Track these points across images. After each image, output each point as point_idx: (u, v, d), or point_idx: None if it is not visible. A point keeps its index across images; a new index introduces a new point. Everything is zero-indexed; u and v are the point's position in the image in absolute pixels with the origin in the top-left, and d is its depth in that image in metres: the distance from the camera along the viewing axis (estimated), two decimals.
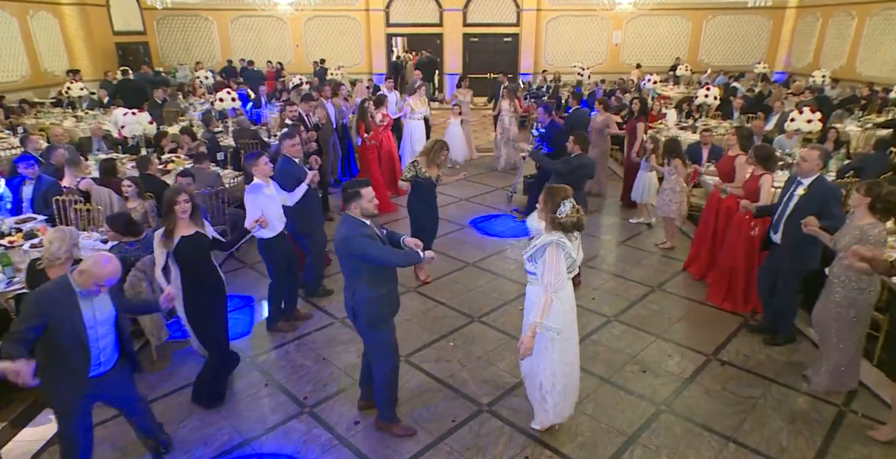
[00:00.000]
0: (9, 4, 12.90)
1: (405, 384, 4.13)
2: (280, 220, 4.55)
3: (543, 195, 3.27)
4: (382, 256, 3.23)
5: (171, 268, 3.69)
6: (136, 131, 6.80)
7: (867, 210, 3.58)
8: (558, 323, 3.27)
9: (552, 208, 3.17)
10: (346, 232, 3.25)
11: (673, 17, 17.70)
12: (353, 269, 3.34)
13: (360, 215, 3.32)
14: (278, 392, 4.04)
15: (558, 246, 3.15)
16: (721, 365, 4.39)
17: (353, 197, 3.31)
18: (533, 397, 3.63)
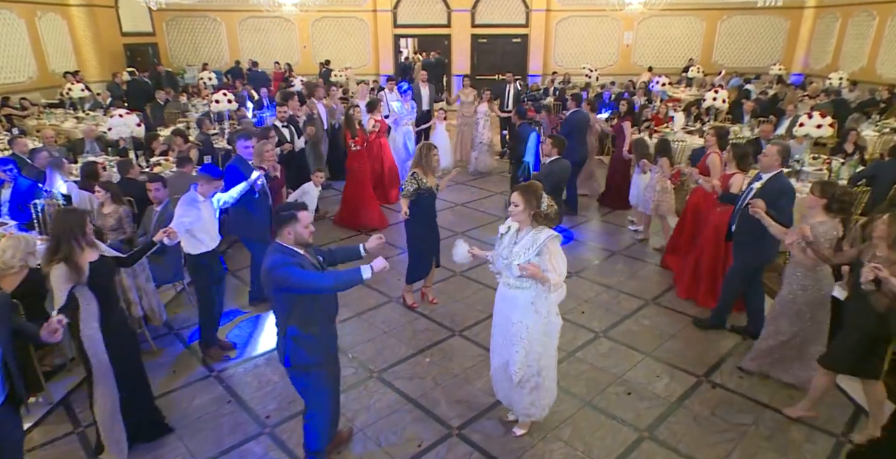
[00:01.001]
0: (17, 6, 12.99)
1: (374, 403, 3.94)
2: (211, 237, 4.21)
3: (521, 196, 3.18)
4: (310, 283, 2.80)
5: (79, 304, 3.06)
6: (123, 133, 6.70)
7: (822, 210, 3.68)
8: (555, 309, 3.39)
9: (536, 204, 3.16)
10: (270, 261, 2.85)
11: (686, 18, 17.29)
12: (280, 304, 2.98)
13: (292, 242, 2.94)
14: (240, 411, 3.86)
15: (556, 239, 3.18)
16: (712, 388, 4.12)
17: (286, 221, 2.91)
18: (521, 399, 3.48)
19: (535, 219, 3.18)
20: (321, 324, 3.04)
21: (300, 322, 2.95)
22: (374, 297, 5.49)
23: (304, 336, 2.97)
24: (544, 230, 3.19)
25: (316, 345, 3.02)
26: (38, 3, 13.59)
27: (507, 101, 9.26)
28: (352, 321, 5.08)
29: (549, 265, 3.14)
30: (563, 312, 5.05)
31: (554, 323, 3.41)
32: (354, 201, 6.95)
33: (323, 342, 3.07)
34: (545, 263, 3.14)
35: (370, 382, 4.18)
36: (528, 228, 3.23)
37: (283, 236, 2.96)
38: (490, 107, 8.95)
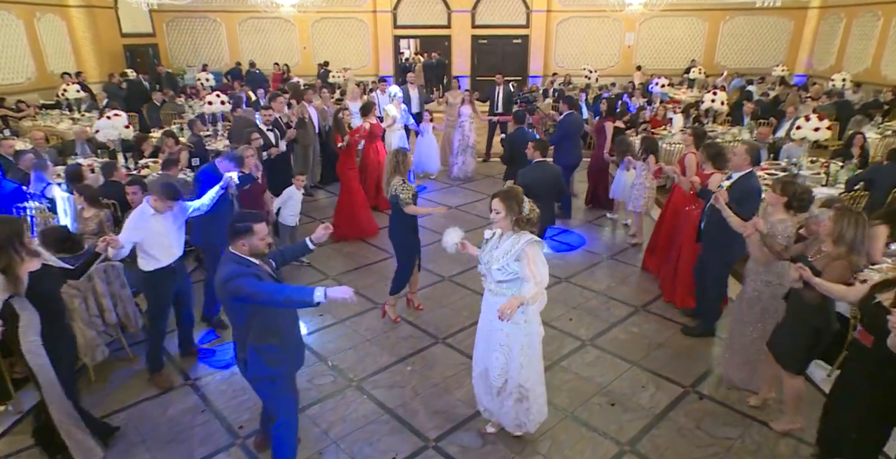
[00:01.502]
0: (15, 6, 12.99)
1: (351, 413, 3.86)
2: (167, 253, 3.92)
3: (502, 202, 3.13)
4: (264, 295, 2.70)
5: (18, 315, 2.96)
6: (111, 136, 6.65)
7: (782, 207, 3.70)
8: (537, 317, 3.33)
9: (518, 210, 3.12)
10: (225, 272, 2.76)
11: (688, 18, 17.15)
12: (237, 315, 2.90)
13: (247, 253, 2.87)
14: (213, 420, 3.78)
15: (535, 244, 3.12)
16: (699, 399, 4.01)
17: (243, 232, 2.83)
18: (505, 412, 3.45)
19: (518, 225, 3.14)
20: (282, 334, 2.95)
21: (260, 333, 2.87)
22: (360, 303, 5.40)
23: (265, 347, 2.88)
24: (524, 235, 3.13)
25: (278, 355, 2.93)
26: (37, 3, 13.59)
27: (496, 104, 9.09)
28: (335, 327, 4.99)
29: (527, 271, 3.08)
30: (551, 319, 5.04)
31: (535, 333, 3.34)
32: (346, 209, 6.68)
33: (285, 351, 2.98)
34: (524, 269, 3.09)
35: (348, 391, 4.09)
36: (509, 233, 3.18)
37: (237, 247, 2.88)
38: (473, 109, 8.80)
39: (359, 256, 6.43)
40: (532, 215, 3.16)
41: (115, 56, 16.06)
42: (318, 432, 3.67)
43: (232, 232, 2.87)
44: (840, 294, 3.08)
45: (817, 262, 3.25)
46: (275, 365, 2.93)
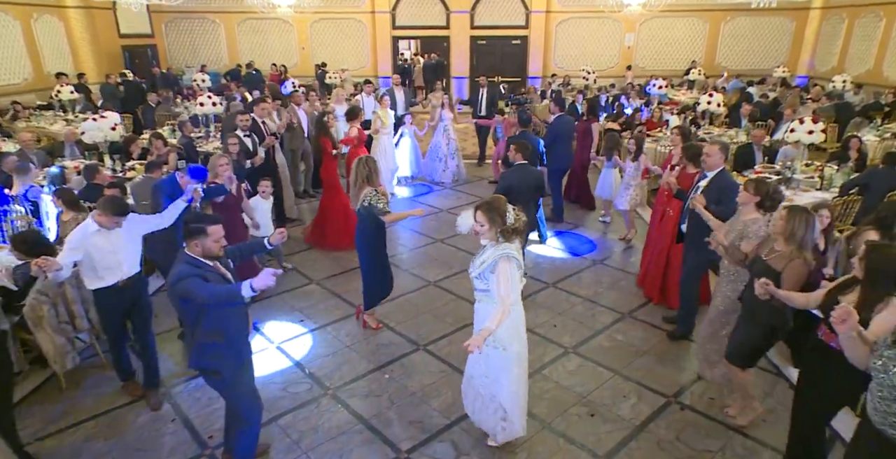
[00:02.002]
0: (12, 7, 12.99)
1: (324, 423, 3.78)
2: (114, 271, 3.64)
3: (485, 214, 3.09)
4: (203, 297, 2.72)
5: None
6: (96, 137, 6.60)
7: (754, 207, 3.70)
8: (513, 338, 3.22)
9: (501, 221, 3.08)
10: (176, 273, 2.82)
11: (689, 19, 17.01)
12: (186, 315, 2.98)
13: (199, 254, 2.91)
14: (183, 430, 3.71)
15: (509, 259, 3.06)
16: (681, 410, 3.91)
17: (196, 233, 2.88)
18: (485, 419, 3.43)
19: (504, 235, 3.10)
20: (229, 335, 2.97)
21: (206, 332, 2.92)
22: (342, 308, 5.33)
23: (209, 344, 2.94)
24: (504, 247, 3.08)
25: (222, 353, 2.97)
26: (34, 4, 13.59)
27: (480, 107, 8.96)
28: (315, 333, 4.92)
29: (496, 285, 3.06)
30: (535, 325, 4.96)
31: (513, 354, 3.24)
32: (328, 217, 6.52)
33: (230, 352, 3.00)
34: (493, 282, 3.08)
35: (323, 400, 4.02)
36: (492, 243, 3.14)
37: (190, 247, 2.92)
38: (451, 112, 8.65)
39: (345, 260, 6.35)
40: (518, 224, 3.11)
41: (114, 57, 16.06)
42: (289, 442, 3.59)
43: (186, 233, 2.92)
44: (801, 303, 3.07)
45: (773, 262, 3.27)
46: (217, 359, 2.96)
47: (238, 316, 3.02)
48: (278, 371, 4.37)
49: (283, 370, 4.38)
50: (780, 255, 3.23)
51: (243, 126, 6.22)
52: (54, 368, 3.91)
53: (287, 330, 4.95)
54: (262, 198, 5.63)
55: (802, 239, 3.14)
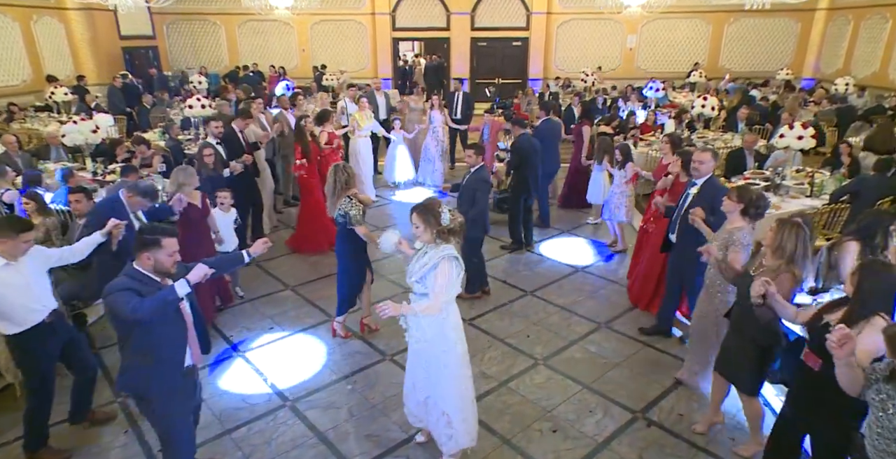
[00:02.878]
0: (12, 9, 13.06)
1: (278, 437, 3.70)
2: (31, 311, 3.21)
3: (420, 216, 3.07)
4: (129, 314, 2.52)
5: None
6: (77, 140, 6.57)
7: (739, 215, 3.62)
8: (457, 339, 3.22)
9: (436, 222, 3.04)
10: (110, 285, 2.65)
11: (692, 20, 16.81)
12: (118, 330, 2.80)
13: (150, 268, 2.74)
14: (134, 443, 3.64)
15: (451, 260, 3.05)
16: (647, 426, 3.79)
17: (149, 245, 2.70)
18: (431, 426, 3.37)
19: (440, 236, 3.06)
20: (159, 357, 2.78)
21: (134, 351, 2.76)
22: (313, 316, 5.26)
23: (134, 364, 2.78)
24: (444, 248, 3.06)
25: (150, 376, 2.78)
26: (34, 6, 13.66)
27: (455, 110, 8.84)
28: (283, 341, 4.84)
29: (434, 282, 3.03)
30: (507, 335, 4.86)
31: (453, 352, 3.21)
32: (307, 223, 6.44)
33: (158, 376, 2.79)
34: (432, 280, 3.05)
35: (281, 412, 3.93)
36: (431, 245, 3.11)
37: (141, 260, 2.75)
38: (442, 114, 8.55)
39: (322, 265, 6.28)
40: (454, 225, 3.07)
41: (114, 58, 16.12)
42: (240, 457, 3.51)
43: (138, 244, 2.74)
44: (791, 315, 2.93)
45: (760, 277, 3.08)
46: (143, 381, 2.79)
47: (173, 337, 2.81)
48: (240, 380, 4.29)
49: (246, 379, 4.30)
50: (767, 269, 3.10)
51: (217, 133, 6.01)
52: (7, 378, 3.85)
53: (255, 338, 4.87)
54: (221, 211, 5.29)
55: (792, 254, 3.01)
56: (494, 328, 5.03)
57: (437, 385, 3.21)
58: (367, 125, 7.80)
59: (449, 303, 3.13)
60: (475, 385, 4.13)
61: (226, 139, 6.13)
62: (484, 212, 5.28)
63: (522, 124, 6.60)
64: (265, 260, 6.44)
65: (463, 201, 5.22)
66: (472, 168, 5.21)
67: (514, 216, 6.69)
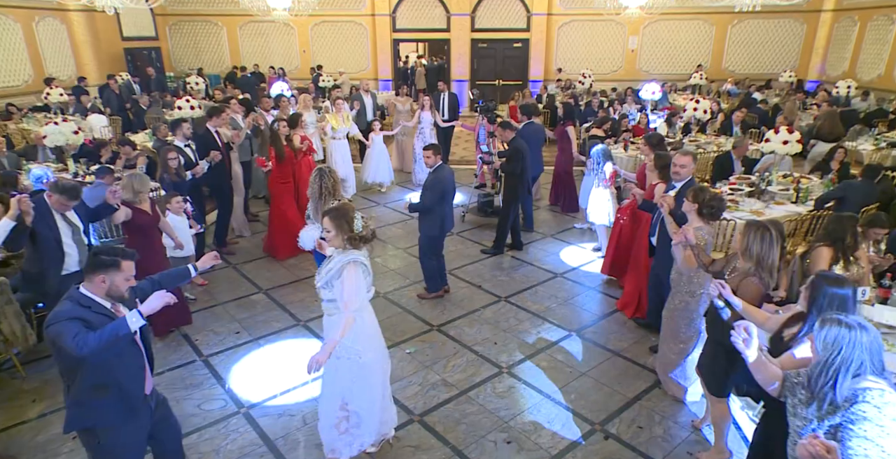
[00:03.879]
0: (14, 11, 13.20)
1: (227, 445, 3.65)
2: None
3: (332, 221, 3.04)
4: (74, 348, 2.29)
5: None
6: (57, 141, 6.60)
7: (696, 215, 3.69)
8: (366, 347, 3.18)
9: (349, 228, 3.03)
10: (54, 312, 2.42)
11: (695, 22, 16.59)
12: (62, 363, 2.51)
13: (102, 293, 2.52)
14: (80, 449, 3.58)
15: (356, 264, 3.04)
16: (604, 439, 3.69)
17: (106, 266, 2.48)
18: (329, 431, 3.34)
19: (351, 243, 3.05)
20: (116, 390, 2.56)
21: (87, 388, 2.50)
22: (282, 320, 5.21)
23: (88, 399, 2.52)
24: (350, 254, 3.05)
25: (107, 410, 2.56)
26: (36, 8, 13.80)
27: (442, 111, 8.76)
28: (247, 346, 4.79)
29: (342, 290, 3.01)
30: (475, 343, 4.78)
31: (364, 359, 3.18)
32: (277, 232, 6.34)
33: (115, 406, 2.58)
34: (339, 287, 3.03)
35: (234, 419, 3.88)
36: (339, 251, 3.10)
37: (93, 283, 2.51)
38: (433, 116, 8.46)
39: (298, 269, 6.23)
40: (366, 232, 3.08)
41: (116, 59, 16.25)
42: None
43: (94, 265, 2.50)
44: (759, 321, 2.84)
45: (732, 280, 3.10)
46: (100, 418, 2.56)
47: (128, 366, 2.59)
48: (198, 385, 4.25)
49: (203, 384, 4.26)
50: (740, 273, 3.11)
51: (187, 134, 5.89)
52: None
53: (220, 342, 4.83)
54: (175, 215, 5.14)
55: (759, 256, 3.01)
56: (463, 334, 4.95)
57: (349, 392, 3.21)
58: (341, 128, 7.70)
59: (361, 311, 3.10)
60: (436, 393, 4.15)
61: (200, 139, 6.06)
62: (435, 211, 5.21)
63: (512, 127, 6.52)
64: (242, 262, 6.42)
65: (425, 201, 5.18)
66: (432, 168, 5.13)
67: (505, 219, 6.60)
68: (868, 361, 1.92)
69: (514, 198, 6.51)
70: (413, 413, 3.93)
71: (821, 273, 2.69)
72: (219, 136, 6.18)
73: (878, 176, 5.78)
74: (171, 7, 17.43)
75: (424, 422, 3.85)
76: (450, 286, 5.75)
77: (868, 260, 4.40)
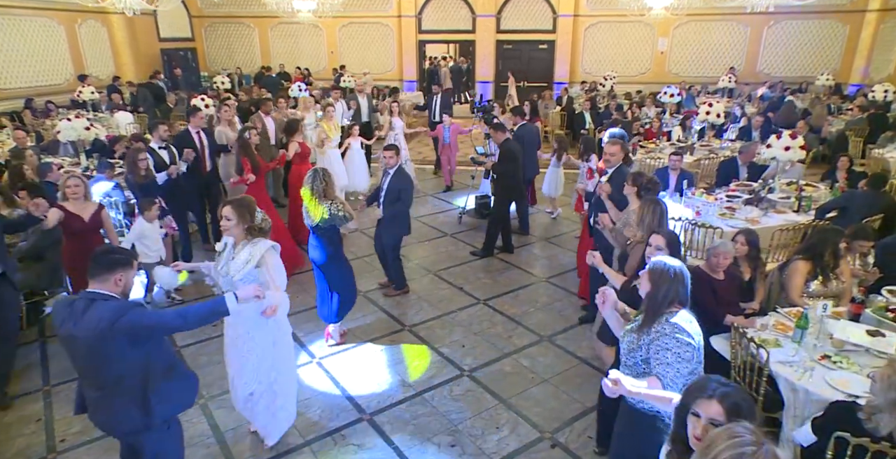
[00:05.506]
0: (58, 13, 13.93)
1: None
2: None
3: (234, 210, 3.20)
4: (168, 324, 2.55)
5: None
6: (70, 137, 6.92)
7: (635, 197, 4.06)
8: (282, 328, 3.47)
9: (250, 218, 3.22)
10: (110, 310, 2.38)
11: (728, 23, 16.04)
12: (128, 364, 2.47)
13: (119, 292, 2.52)
14: (41, 431, 3.77)
15: (275, 249, 3.25)
16: (551, 447, 3.62)
17: (121, 264, 2.50)
18: (259, 416, 3.54)
19: (250, 233, 3.23)
20: (177, 367, 2.70)
21: (162, 372, 2.56)
22: None
23: (169, 387, 2.59)
24: (261, 242, 3.22)
25: (181, 389, 2.69)
26: (79, 10, 14.49)
27: (434, 113, 8.72)
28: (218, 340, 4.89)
29: (267, 277, 3.18)
30: (443, 345, 4.77)
31: (282, 332, 3.46)
32: None
33: (183, 383, 2.70)
34: (263, 275, 3.18)
35: (191, 411, 3.96)
36: (243, 242, 3.24)
37: (108, 283, 2.47)
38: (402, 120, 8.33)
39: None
40: (264, 224, 3.28)
41: (153, 59, 16.92)
42: None
43: (111, 264, 2.48)
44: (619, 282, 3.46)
45: (631, 248, 3.72)
46: (179, 400, 2.69)
47: (167, 343, 2.76)
48: None
49: None
50: (636, 240, 3.68)
51: (162, 135, 5.79)
52: None
53: (189, 337, 4.91)
54: (146, 221, 5.05)
55: (650, 227, 3.46)
56: (433, 336, 4.94)
57: (268, 374, 3.39)
58: (336, 135, 7.57)
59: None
60: (391, 393, 4.17)
61: (178, 140, 6.06)
62: (406, 212, 5.33)
63: (504, 129, 6.48)
64: None
65: (388, 202, 5.16)
66: (391, 169, 5.11)
67: (496, 221, 6.56)
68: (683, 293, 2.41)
69: (506, 199, 6.45)
70: (364, 412, 3.95)
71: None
72: (199, 136, 6.16)
73: (884, 185, 5.46)
74: (206, 9, 18.05)
75: (373, 421, 3.86)
76: (432, 287, 5.79)
77: (851, 274, 4.19)
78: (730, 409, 1.77)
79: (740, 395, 1.82)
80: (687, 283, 2.43)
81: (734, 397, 1.80)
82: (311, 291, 5.68)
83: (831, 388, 2.99)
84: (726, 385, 1.84)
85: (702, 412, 1.79)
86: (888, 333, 3.28)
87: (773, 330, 3.56)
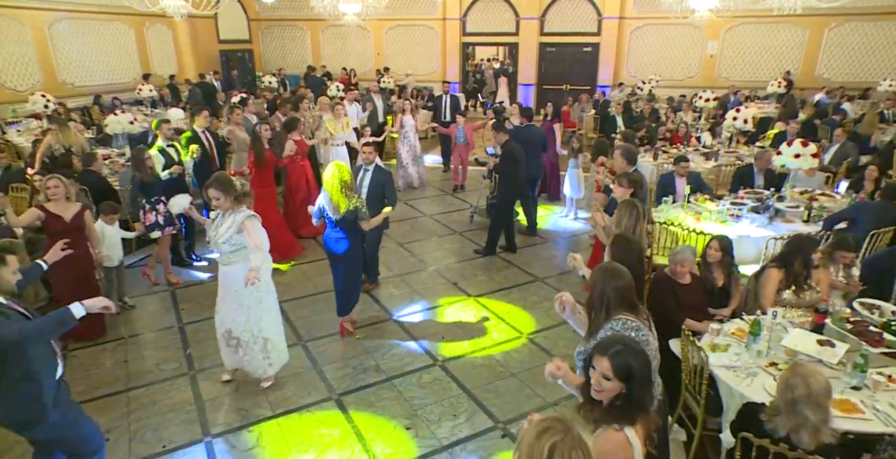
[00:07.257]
0: (128, 18, 15.08)
1: (165, 400, 4.12)
2: None
3: (218, 189, 3.73)
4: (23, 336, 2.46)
5: None
6: (116, 130, 7.59)
7: (618, 185, 4.50)
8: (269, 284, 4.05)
9: (233, 189, 3.79)
10: None
11: (784, 25, 15.34)
12: None
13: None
14: None
15: (254, 218, 3.83)
16: (501, 437, 3.74)
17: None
18: (252, 361, 4.09)
19: (237, 199, 3.80)
20: (41, 373, 2.62)
21: (14, 381, 2.55)
22: None
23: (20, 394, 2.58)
24: (242, 211, 3.80)
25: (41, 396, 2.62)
26: (147, 15, 15.60)
27: (443, 113, 8.83)
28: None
29: (249, 241, 3.75)
30: (426, 335, 4.96)
31: (266, 290, 4.02)
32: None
33: (49, 392, 2.66)
34: (246, 239, 3.76)
35: (180, 379, 4.36)
36: (229, 211, 3.82)
37: None
38: (416, 120, 8.53)
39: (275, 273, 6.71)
40: (244, 188, 3.93)
41: (212, 59, 17.98)
42: (124, 412, 3.96)
43: None
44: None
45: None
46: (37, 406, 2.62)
47: (45, 351, 2.66)
48: (165, 347, 4.80)
49: (169, 347, 4.79)
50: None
51: (168, 135, 5.95)
52: None
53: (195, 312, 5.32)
54: (106, 223, 5.09)
55: (627, 227, 3.76)
56: (415, 326, 5.14)
57: (257, 324, 3.97)
58: (339, 134, 7.74)
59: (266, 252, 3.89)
60: (364, 377, 4.41)
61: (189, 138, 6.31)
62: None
63: (504, 130, 6.59)
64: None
65: (372, 199, 5.10)
66: (369, 165, 5.22)
67: (499, 220, 6.69)
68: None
69: (508, 199, 6.55)
70: (334, 392, 4.20)
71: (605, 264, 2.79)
72: (206, 136, 6.48)
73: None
74: (263, 13, 19.00)
75: (340, 401, 4.10)
76: (428, 281, 6.03)
77: (831, 285, 4.08)
78: (618, 368, 1.98)
79: (637, 358, 2.01)
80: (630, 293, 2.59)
81: (625, 357, 2.00)
82: (314, 279, 6.06)
83: (767, 394, 2.98)
84: (628, 347, 2.05)
85: (597, 366, 2.04)
86: (838, 344, 3.21)
87: (728, 335, 3.54)
